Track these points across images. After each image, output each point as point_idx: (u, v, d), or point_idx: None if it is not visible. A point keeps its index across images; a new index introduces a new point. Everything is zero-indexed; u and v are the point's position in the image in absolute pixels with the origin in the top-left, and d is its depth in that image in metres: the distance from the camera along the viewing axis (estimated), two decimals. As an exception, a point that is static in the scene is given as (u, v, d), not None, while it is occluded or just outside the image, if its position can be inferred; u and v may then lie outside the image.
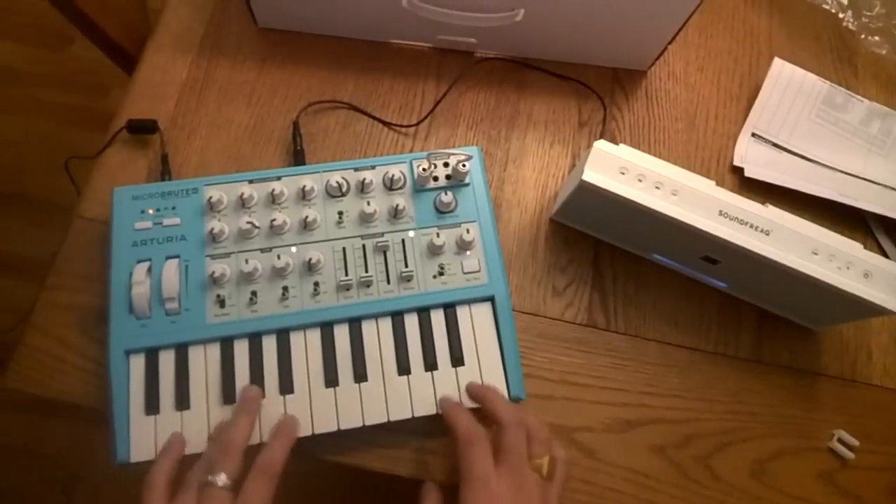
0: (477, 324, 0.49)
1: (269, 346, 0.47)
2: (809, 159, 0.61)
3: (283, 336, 0.48)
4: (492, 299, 0.49)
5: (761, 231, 0.46)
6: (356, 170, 0.52)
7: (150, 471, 0.41)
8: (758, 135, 0.61)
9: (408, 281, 0.49)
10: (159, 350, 0.46)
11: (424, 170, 0.51)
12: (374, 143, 0.58)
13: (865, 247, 0.47)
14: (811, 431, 0.53)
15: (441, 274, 0.49)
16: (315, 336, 0.48)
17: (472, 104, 0.60)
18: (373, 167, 0.52)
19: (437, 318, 0.49)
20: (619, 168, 0.47)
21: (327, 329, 0.48)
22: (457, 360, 0.48)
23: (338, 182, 0.50)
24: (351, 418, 0.46)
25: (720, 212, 0.47)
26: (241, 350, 0.47)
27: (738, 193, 0.47)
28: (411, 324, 0.49)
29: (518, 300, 0.54)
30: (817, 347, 0.55)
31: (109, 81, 1.36)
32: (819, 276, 0.46)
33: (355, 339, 0.48)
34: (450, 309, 0.49)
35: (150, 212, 0.49)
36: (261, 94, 0.58)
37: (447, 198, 0.51)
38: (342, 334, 0.48)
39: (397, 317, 0.49)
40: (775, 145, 0.61)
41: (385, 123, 0.58)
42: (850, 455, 0.52)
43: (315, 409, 0.46)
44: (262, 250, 0.49)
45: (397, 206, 0.50)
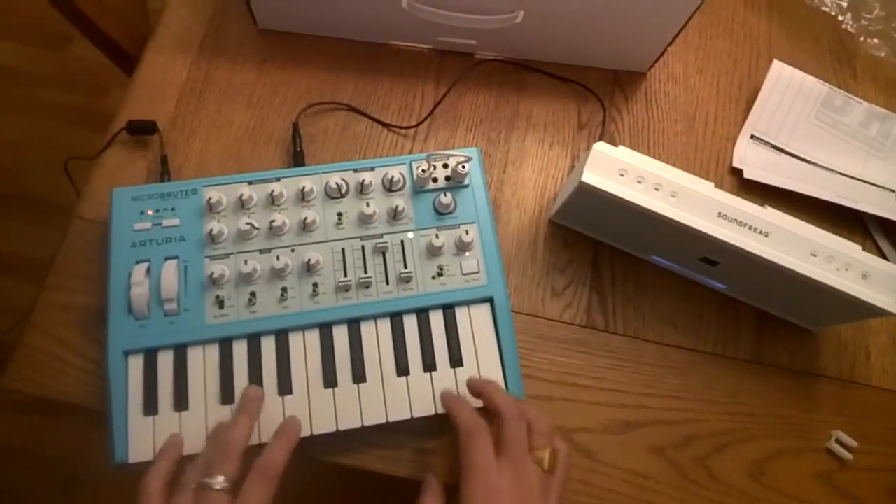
0: (476, 325, 0.49)
1: (268, 346, 0.47)
2: (808, 161, 0.61)
3: (282, 337, 0.48)
4: (491, 300, 0.50)
5: (760, 232, 0.46)
6: (355, 171, 0.52)
7: (145, 475, 0.40)
8: (757, 137, 0.62)
9: (407, 282, 0.49)
10: (158, 351, 0.46)
11: (424, 171, 0.51)
12: (374, 144, 0.58)
13: (864, 248, 0.47)
14: (810, 432, 0.53)
15: (440, 275, 0.50)
16: (314, 337, 0.48)
17: (471, 106, 0.60)
18: (372, 168, 0.52)
19: (436, 319, 0.49)
20: (619, 170, 0.47)
21: (326, 330, 0.48)
22: (456, 361, 0.48)
23: (337, 183, 0.50)
24: (350, 419, 0.46)
25: (719, 213, 0.47)
26: (239, 351, 0.47)
27: (737, 195, 0.47)
28: (410, 325, 0.49)
29: (517, 301, 0.54)
30: (816, 348, 0.55)
31: (109, 82, 1.36)
32: (818, 278, 0.46)
33: (354, 339, 0.48)
34: (449, 310, 0.49)
35: (150, 213, 0.49)
36: (261, 95, 0.58)
37: (446, 199, 0.51)
38: (341, 335, 0.48)
39: (396, 318, 0.49)
40: (774, 147, 0.62)
41: (384, 125, 0.58)
42: (848, 456, 0.52)
43: (314, 409, 0.46)
44: (262, 251, 0.49)
45: (396, 207, 0.50)
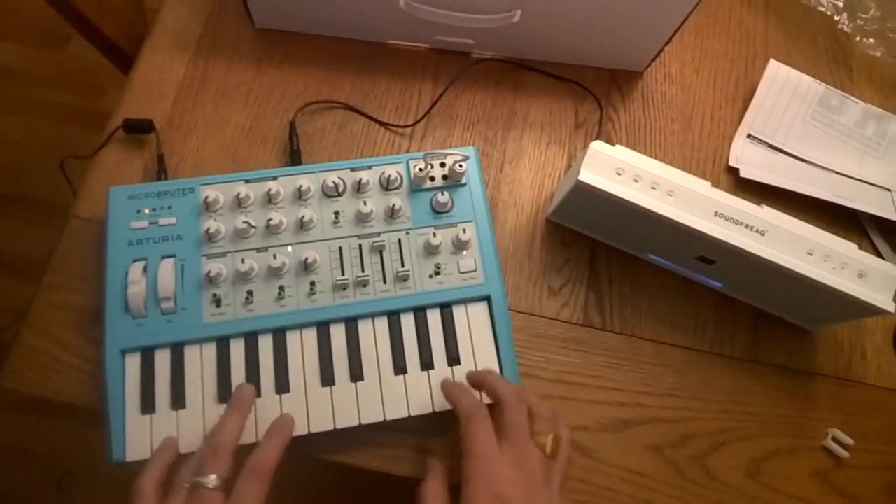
0: (473, 323, 0.49)
1: (266, 345, 0.47)
2: (805, 160, 0.61)
3: (280, 335, 0.48)
4: (488, 299, 0.50)
5: (757, 231, 0.47)
6: (353, 170, 0.52)
7: (139, 476, 0.40)
8: (753, 136, 0.62)
9: (404, 281, 0.49)
10: (155, 349, 0.46)
11: (421, 170, 0.51)
12: (371, 143, 0.58)
13: (860, 247, 0.48)
14: (806, 431, 0.53)
15: (437, 274, 0.50)
16: (311, 335, 0.48)
17: (468, 105, 0.60)
18: (369, 167, 0.52)
19: (434, 318, 0.49)
20: (616, 169, 0.47)
21: (324, 328, 0.48)
22: (453, 360, 0.48)
23: (334, 182, 0.50)
24: (347, 417, 0.46)
25: (716, 212, 0.47)
26: (237, 349, 0.47)
27: (734, 194, 0.48)
28: (407, 323, 0.49)
29: (514, 300, 0.54)
30: (812, 347, 0.55)
31: (106, 81, 1.36)
32: (814, 277, 0.46)
33: (352, 338, 0.48)
34: (446, 308, 0.49)
35: (146, 211, 0.49)
36: (258, 94, 0.58)
37: (444, 198, 0.51)
38: (338, 334, 0.48)
39: (394, 316, 0.49)
40: (771, 146, 0.62)
41: (382, 124, 0.58)
42: (844, 454, 0.52)
43: (311, 408, 0.46)
44: (259, 250, 0.49)
45: (394, 206, 0.50)
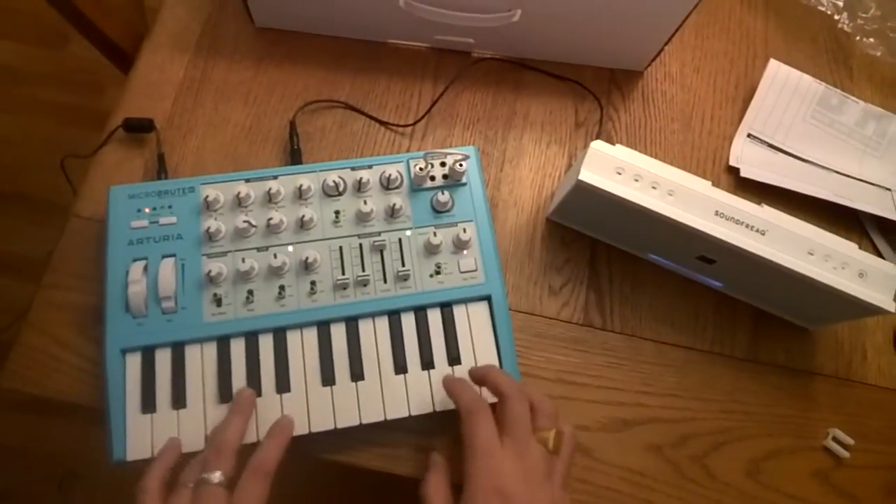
0: (473, 323, 0.49)
1: (266, 344, 0.47)
2: (805, 160, 0.61)
3: (280, 335, 0.48)
4: (488, 298, 0.50)
5: (757, 231, 0.47)
6: (353, 169, 0.52)
7: (144, 475, 0.41)
8: (753, 135, 0.62)
9: (404, 280, 0.49)
10: (156, 349, 0.46)
11: (421, 169, 0.51)
12: (371, 142, 0.58)
13: (860, 247, 0.47)
14: (807, 430, 0.53)
15: (438, 273, 0.50)
16: (312, 335, 0.48)
17: (468, 104, 0.60)
18: (369, 167, 0.52)
19: (434, 317, 0.49)
20: (616, 168, 0.47)
21: (324, 328, 0.48)
22: (453, 359, 0.48)
23: (334, 181, 0.50)
24: (348, 417, 0.46)
25: (716, 212, 0.47)
26: (237, 349, 0.47)
27: (734, 194, 0.48)
28: (408, 323, 0.49)
29: (514, 299, 0.54)
30: (813, 347, 0.55)
31: (106, 80, 1.36)
32: (815, 276, 0.46)
33: (352, 337, 0.48)
34: (446, 308, 0.49)
35: (147, 210, 0.49)
36: (258, 93, 0.58)
37: (444, 197, 0.51)
38: (339, 333, 0.48)
39: (394, 316, 0.49)
40: (771, 146, 0.62)
41: (382, 123, 0.58)
42: (845, 454, 0.52)
43: (312, 407, 0.46)
44: (259, 249, 0.49)
45: (394, 205, 0.50)
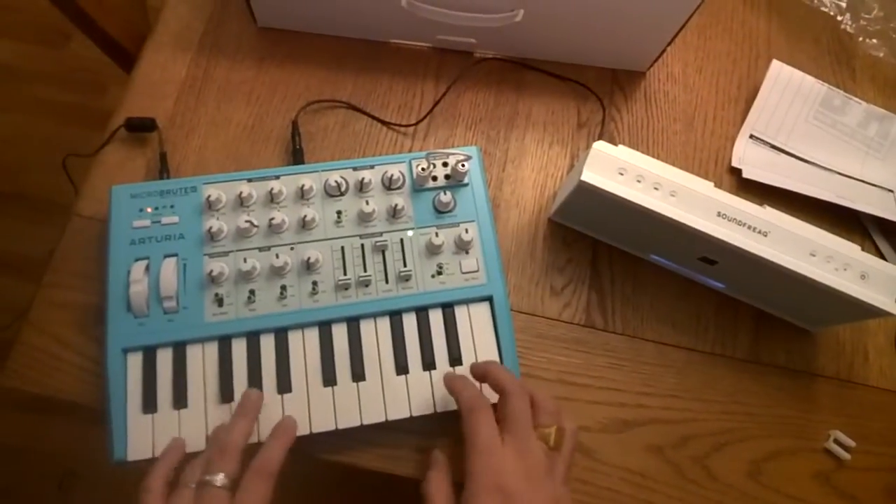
0: (475, 323, 0.49)
1: (268, 345, 0.47)
2: (807, 161, 0.61)
3: (282, 335, 0.48)
4: (490, 299, 0.50)
5: (759, 232, 0.47)
6: (355, 169, 0.52)
7: (147, 475, 0.41)
8: (756, 136, 0.62)
9: (406, 280, 0.49)
10: (157, 349, 0.46)
11: (423, 169, 0.51)
12: (373, 142, 0.58)
13: (863, 248, 0.47)
14: (808, 432, 0.53)
15: (439, 273, 0.49)
16: (313, 335, 0.48)
17: (471, 104, 0.60)
18: (372, 167, 0.52)
19: (436, 318, 0.49)
20: (618, 169, 0.47)
21: (325, 328, 0.48)
22: (455, 360, 0.48)
23: (336, 181, 0.50)
24: (349, 417, 0.46)
25: (718, 213, 0.47)
26: (239, 349, 0.47)
27: (736, 195, 0.47)
28: (409, 323, 0.49)
29: (516, 300, 0.54)
30: (814, 348, 0.55)
31: (108, 79, 1.36)
32: (817, 278, 0.46)
33: (353, 338, 0.48)
34: (448, 308, 0.49)
35: (149, 210, 0.49)
36: (260, 93, 0.58)
37: (446, 197, 0.51)
38: (340, 333, 0.48)
39: (395, 316, 0.49)
40: (773, 147, 0.62)
41: (384, 123, 0.58)
42: (846, 456, 0.52)
43: (313, 408, 0.46)
44: (261, 249, 0.49)
45: (396, 205, 0.50)
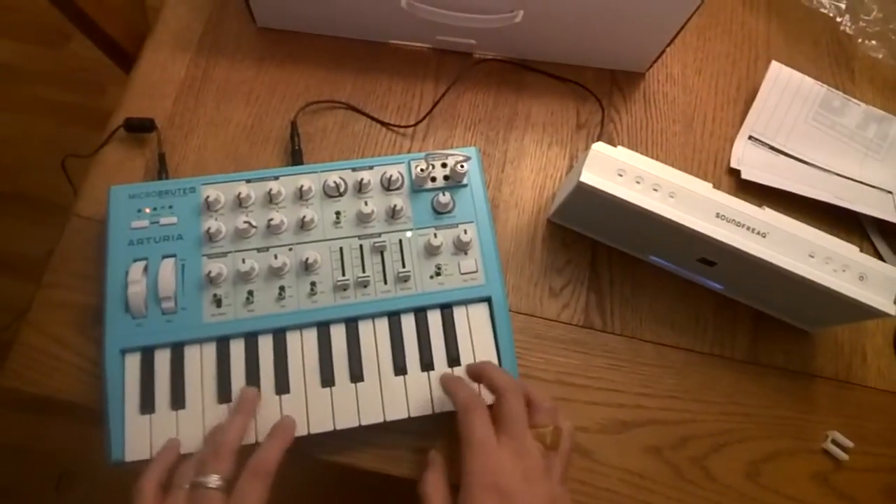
0: (473, 324, 0.49)
1: (266, 345, 0.47)
2: (806, 162, 0.61)
3: (280, 336, 0.48)
4: (489, 300, 0.50)
5: (758, 233, 0.47)
6: (354, 170, 0.52)
7: (140, 476, 0.41)
8: (755, 137, 0.62)
9: (405, 281, 0.49)
10: (155, 349, 0.46)
11: (422, 170, 0.51)
12: (372, 143, 0.58)
13: (861, 250, 0.47)
14: (806, 433, 0.53)
15: (438, 274, 0.49)
16: (311, 336, 0.48)
17: (470, 105, 0.60)
18: (370, 167, 0.52)
19: (434, 319, 0.49)
20: (617, 170, 0.47)
21: (324, 329, 0.48)
22: (453, 361, 0.48)
23: (335, 182, 0.50)
24: (347, 418, 0.46)
25: (717, 214, 0.47)
26: (237, 350, 0.47)
27: (735, 196, 0.47)
28: (408, 324, 0.49)
29: (515, 301, 0.54)
30: (812, 349, 0.55)
31: (107, 79, 1.36)
32: (815, 279, 0.46)
33: (352, 339, 0.48)
34: (446, 309, 0.49)
35: (147, 211, 0.49)
36: (259, 93, 0.58)
37: (445, 198, 0.51)
38: (339, 334, 0.48)
39: (394, 317, 0.49)
40: (772, 148, 0.62)
41: (383, 124, 0.58)
42: (844, 456, 0.52)
43: (311, 408, 0.46)
44: (259, 250, 0.49)
45: (395, 206, 0.50)
